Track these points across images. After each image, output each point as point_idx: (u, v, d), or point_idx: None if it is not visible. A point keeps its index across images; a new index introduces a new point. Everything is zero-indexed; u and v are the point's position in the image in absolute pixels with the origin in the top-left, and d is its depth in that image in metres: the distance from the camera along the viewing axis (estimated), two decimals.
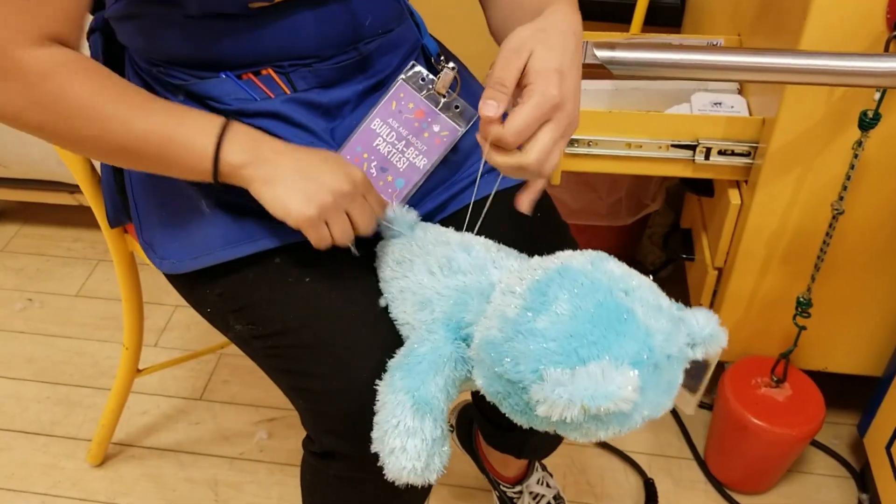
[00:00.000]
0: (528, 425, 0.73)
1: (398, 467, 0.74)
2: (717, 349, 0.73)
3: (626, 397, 0.62)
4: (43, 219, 2.06)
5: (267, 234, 0.87)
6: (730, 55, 0.89)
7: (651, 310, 0.69)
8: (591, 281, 0.70)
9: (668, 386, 0.70)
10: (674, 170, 1.25)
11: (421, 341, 0.78)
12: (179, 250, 0.91)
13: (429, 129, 0.92)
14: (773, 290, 1.31)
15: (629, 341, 0.66)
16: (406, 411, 0.74)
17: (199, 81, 0.88)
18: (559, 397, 0.63)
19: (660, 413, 0.71)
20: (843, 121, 1.10)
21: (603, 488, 1.44)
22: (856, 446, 1.49)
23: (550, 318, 0.68)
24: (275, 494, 1.43)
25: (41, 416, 1.57)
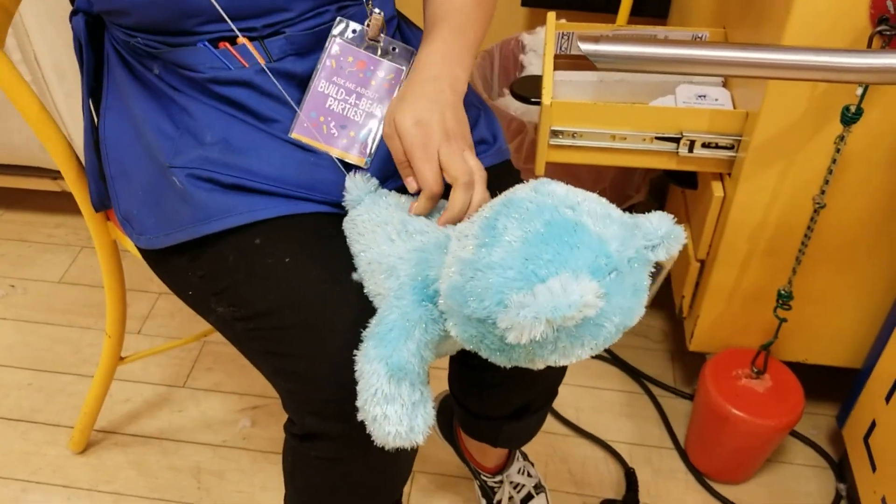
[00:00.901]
0: (509, 362, 0.74)
1: (383, 433, 0.76)
2: (678, 248, 0.73)
3: (588, 303, 0.63)
4: (25, 205, 2.04)
5: (239, 211, 0.88)
6: (712, 50, 0.89)
7: (600, 219, 0.70)
8: (536, 204, 0.71)
9: (634, 290, 0.70)
10: (658, 162, 1.25)
11: (390, 308, 0.78)
12: (155, 226, 0.91)
13: (374, 77, 0.95)
14: (755, 282, 1.31)
15: (584, 252, 0.67)
16: (382, 379, 0.75)
17: (175, 49, 0.89)
18: (524, 318, 0.63)
19: (633, 319, 0.71)
20: (825, 115, 1.11)
21: (584, 477, 1.45)
22: (834, 437, 1.51)
23: (504, 248, 0.69)
24: (258, 482, 1.43)
25: (22, 403, 1.56)
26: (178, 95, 0.92)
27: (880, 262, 1.25)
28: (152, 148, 0.92)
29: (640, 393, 1.60)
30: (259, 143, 0.90)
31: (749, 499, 1.41)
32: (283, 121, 0.92)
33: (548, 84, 1.23)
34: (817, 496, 1.42)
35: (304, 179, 0.90)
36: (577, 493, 1.42)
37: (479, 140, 1.01)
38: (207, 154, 0.89)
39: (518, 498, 1.34)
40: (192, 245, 0.89)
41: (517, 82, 1.39)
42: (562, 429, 1.53)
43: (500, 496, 1.34)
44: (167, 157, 0.90)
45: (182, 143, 0.90)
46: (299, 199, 0.90)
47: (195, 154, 0.89)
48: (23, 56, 1.59)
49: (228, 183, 0.88)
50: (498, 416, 1.15)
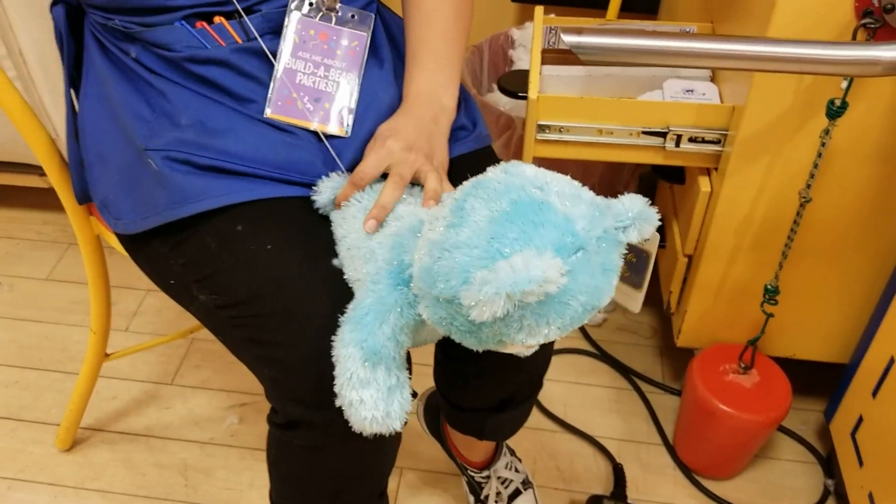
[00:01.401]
0: (482, 345, 0.74)
1: (359, 418, 0.76)
2: (650, 229, 0.73)
3: (550, 279, 0.63)
4: (12, 201, 2.03)
5: (215, 194, 0.87)
6: (695, 42, 0.89)
7: (569, 198, 0.70)
8: (504, 184, 0.71)
9: (602, 269, 0.70)
10: (645, 157, 1.25)
11: (366, 293, 0.78)
12: (131, 210, 0.91)
13: (339, 46, 0.95)
14: (742, 277, 1.31)
15: (549, 230, 0.67)
16: (356, 363, 0.75)
17: (152, 29, 0.89)
18: (486, 294, 0.63)
19: (601, 299, 0.71)
20: (811, 109, 1.11)
21: (572, 473, 1.44)
22: (822, 432, 1.51)
23: (471, 227, 0.69)
24: (245, 479, 1.42)
25: (9, 401, 1.56)
26: (155, 78, 0.92)
27: (866, 257, 1.25)
28: (129, 131, 0.91)
29: (628, 389, 1.59)
30: (235, 123, 0.91)
31: (737, 494, 1.41)
32: (258, 101, 0.92)
33: (534, 78, 1.23)
34: (805, 491, 1.42)
35: (280, 160, 0.90)
36: (565, 489, 1.42)
37: (459, 126, 1.02)
38: (183, 136, 0.89)
39: (506, 493, 1.34)
40: (174, 232, 0.89)
41: (505, 77, 1.39)
42: (550, 425, 1.53)
43: (487, 491, 1.34)
44: (143, 139, 0.90)
45: (158, 126, 0.90)
46: (276, 181, 0.90)
47: (171, 136, 0.89)
48: (7, 51, 1.58)
49: (204, 164, 0.88)
50: (482, 408, 1.14)
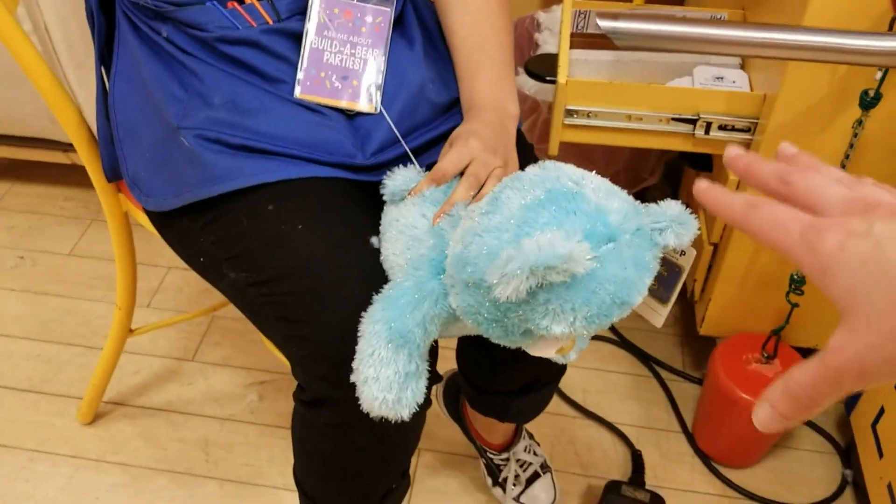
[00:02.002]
0: (508, 337, 0.74)
1: (370, 397, 0.76)
2: (688, 236, 0.72)
3: (574, 258, 0.62)
4: (35, 177, 2.04)
5: (246, 173, 0.88)
6: (732, 29, 0.88)
7: (604, 192, 0.70)
8: (541, 177, 0.71)
9: (633, 262, 0.69)
10: (673, 143, 1.24)
11: (406, 276, 0.79)
12: (162, 188, 0.92)
13: (363, 23, 0.95)
14: (768, 267, 1.31)
15: (580, 217, 0.67)
16: (381, 341, 0.75)
17: (183, 9, 0.90)
18: (510, 269, 0.63)
19: (630, 294, 0.69)
20: (844, 99, 1.10)
21: (590, 459, 1.45)
22: (842, 423, 1.50)
23: (503, 213, 0.69)
24: (265, 456, 1.43)
25: (31, 374, 1.57)
26: (187, 58, 0.92)
27: None
28: (161, 110, 0.92)
29: (648, 376, 1.59)
30: (266, 103, 0.91)
31: (755, 483, 1.41)
32: (289, 81, 0.92)
33: (563, 62, 1.22)
34: (823, 481, 1.42)
35: (310, 139, 0.90)
36: (583, 475, 1.42)
37: None
38: (216, 115, 0.89)
39: (524, 476, 1.34)
40: (205, 210, 0.89)
41: (532, 60, 1.38)
42: (569, 410, 1.53)
43: (505, 474, 1.34)
44: (176, 118, 0.90)
45: (191, 105, 0.91)
46: (307, 161, 0.90)
47: (204, 115, 0.89)
48: (33, 26, 1.58)
49: (236, 144, 0.88)
50: (506, 390, 1.15)
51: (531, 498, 1.35)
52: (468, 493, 1.39)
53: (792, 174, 0.45)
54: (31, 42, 1.04)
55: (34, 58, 1.04)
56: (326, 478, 1.01)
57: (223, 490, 1.38)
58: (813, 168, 0.46)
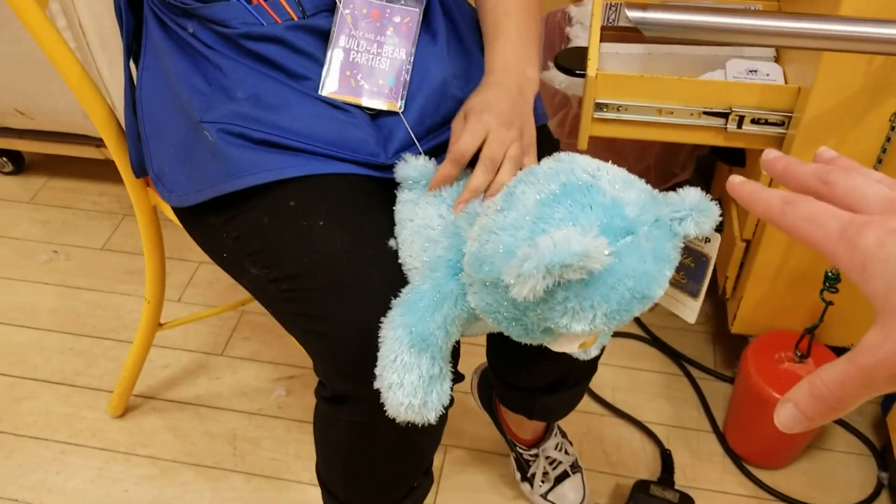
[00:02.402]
0: (528, 336, 0.73)
1: (396, 403, 0.75)
2: (710, 224, 0.71)
3: (591, 255, 0.61)
4: (69, 172, 2.07)
5: (268, 168, 0.87)
6: (765, 19, 0.86)
7: (620, 183, 0.68)
8: (556, 170, 0.70)
9: (653, 255, 0.67)
10: (705, 138, 1.22)
11: (424, 279, 0.78)
12: (185, 183, 0.92)
13: (391, 23, 0.94)
14: (801, 263, 1.28)
15: (596, 211, 0.66)
16: (403, 346, 0.75)
17: (209, 5, 0.90)
18: (526, 269, 0.61)
19: (650, 288, 0.68)
20: (881, 91, 1.07)
21: (619, 457, 1.43)
22: (878, 424, 1.47)
23: (518, 210, 0.68)
24: (292, 451, 1.44)
25: (63, 367, 1.59)
26: (212, 53, 0.92)
27: None
28: (185, 104, 0.92)
29: (678, 375, 1.57)
30: (290, 99, 0.90)
31: (788, 484, 1.39)
32: (313, 78, 0.92)
33: (593, 55, 1.20)
34: (858, 484, 1.39)
35: (333, 137, 0.90)
36: (611, 473, 1.41)
37: None
38: (239, 109, 0.89)
39: (553, 474, 1.33)
40: (228, 206, 0.89)
41: (562, 54, 1.37)
42: (598, 408, 1.51)
43: (534, 470, 1.33)
44: (199, 111, 0.90)
45: (214, 99, 0.91)
46: (329, 158, 0.90)
47: (227, 109, 0.89)
48: (67, 23, 1.59)
49: (259, 139, 0.88)
50: (533, 388, 1.14)
51: (559, 496, 1.34)
52: (495, 489, 1.38)
53: (832, 173, 0.44)
54: (62, 37, 1.04)
55: (64, 52, 1.05)
56: (348, 475, 1.01)
57: (250, 484, 1.38)
58: (853, 169, 0.45)
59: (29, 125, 1.87)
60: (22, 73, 1.71)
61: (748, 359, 1.32)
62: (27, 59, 1.66)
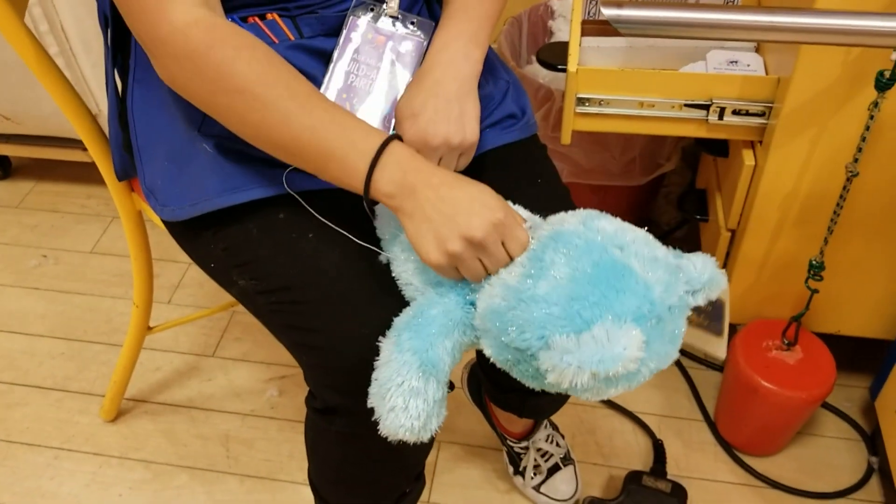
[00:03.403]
0: (541, 388, 0.74)
1: (396, 425, 0.75)
2: (718, 292, 0.75)
3: (632, 357, 0.64)
4: (57, 175, 2.06)
5: (264, 183, 0.87)
6: (740, 14, 0.86)
7: (648, 262, 0.70)
8: (585, 241, 0.71)
9: (672, 336, 0.71)
10: (687, 129, 1.23)
11: (431, 303, 0.78)
12: (179, 197, 0.91)
13: (395, 51, 0.94)
14: (786, 252, 1.29)
15: (629, 297, 0.68)
16: (412, 372, 0.74)
17: None
18: (568, 365, 0.64)
19: (667, 363, 0.72)
20: (859, 81, 1.08)
21: (612, 449, 1.44)
22: (867, 409, 1.48)
23: (550, 282, 0.69)
24: (285, 451, 1.44)
25: (55, 372, 1.59)
26: None
27: None
28: (181, 118, 0.91)
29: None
30: None
31: (779, 471, 1.39)
32: None
33: (574, 50, 1.21)
34: (849, 469, 1.40)
35: None
36: (604, 465, 1.42)
37: (508, 115, 1.00)
38: None
39: (545, 467, 1.34)
40: (216, 218, 0.89)
41: (544, 49, 1.37)
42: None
43: (525, 463, 1.34)
44: (197, 124, 0.89)
45: None
46: None
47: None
48: (49, 27, 1.59)
49: (256, 155, 0.87)
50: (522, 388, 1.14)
51: (551, 489, 1.34)
52: (488, 484, 1.39)
53: None
54: (41, 44, 1.04)
55: (45, 63, 1.05)
56: (339, 482, 1.01)
57: (244, 486, 1.39)
58: None
59: (15, 130, 1.87)
60: (7, 79, 1.71)
61: (736, 347, 1.33)
62: (12, 65, 1.66)
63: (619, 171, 1.59)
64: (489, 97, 1.00)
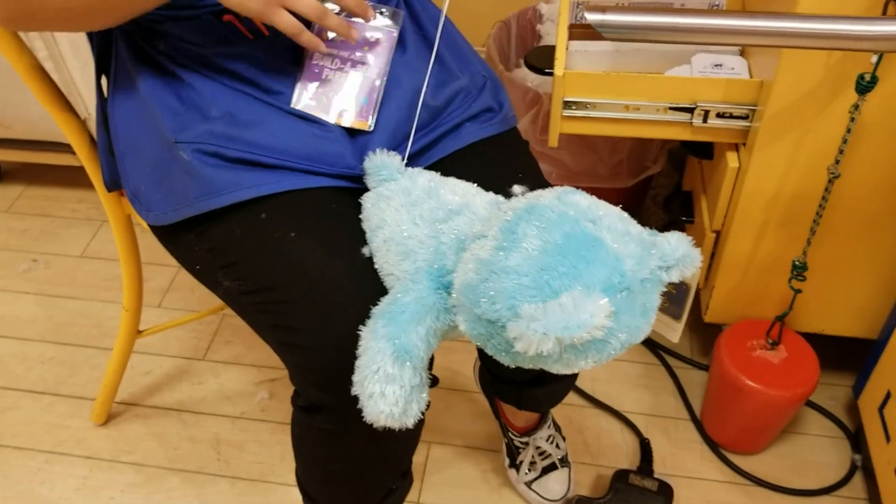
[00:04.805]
0: (513, 363, 0.75)
1: (376, 411, 0.76)
2: (693, 270, 0.74)
3: (598, 324, 0.64)
4: (47, 180, 2.07)
5: (244, 185, 0.88)
6: (720, 18, 0.88)
7: (619, 236, 0.71)
8: (558, 214, 0.71)
9: (643, 309, 0.71)
10: (672, 132, 1.24)
11: (405, 291, 0.79)
12: (162, 202, 0.93)
13: (367, 42, 0.96)
14: (770, 253, 1.31)
15: (599, 268, 0.68)
16: (386, 358, 0.76)
17: (179, 22, 0.90)
18: (534, 332, 0.64)
19: (639, 337, 0.72)
20: (840, 84, 1.09)
21: (599, 448, 1.45)
22: (851, 408, 1.50)
23: (521, 254, 0.70)
24: (276, 453, 1.45)
25: (46, 376, 1.59)
26: (183, 71, 0.93)
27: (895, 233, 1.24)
28: (159, 124, 0.92)
29: (656, 364, 1.60)
30: (264, 116, 0.91)
31: (764, 469, 1.41)
32: (286, 93, 0.93)
33: (560, 54, 1.22)
34: (833, 466, 1.42)
35: (309, 151, 0.91)
36: (592, 464, 1.43)
37: (485, 108, 1.02)
38: (213, 128, 0.89)
39: (541, 465, 1.35)
40: (200, 220, 0.90)
41: (532, 53, 1.38)
42: (578, 400, 1.53)
43: (522, 457, 1.35)
44: (173, 132, 0.91)
45: (188, 118, 0.91)
46: (305, 172, 0.91)
47: (201, 129, 0.90)
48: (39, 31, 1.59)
49: (234, 157, 0.89)
50: (519, 380, 1.17)
51: (543, 487, 1.35)
52: (478, 484, 1.40)
53: None
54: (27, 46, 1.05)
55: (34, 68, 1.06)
56: (325, 480, 1.02)
57: (235, 488, 1.40)
58: None
59: (5, 134, 1.87)
60: None
61: (721, 347, 1.34)
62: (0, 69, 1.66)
63: (606, 173, 1.61)
64: (466, 91, 1.02)
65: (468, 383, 1.54)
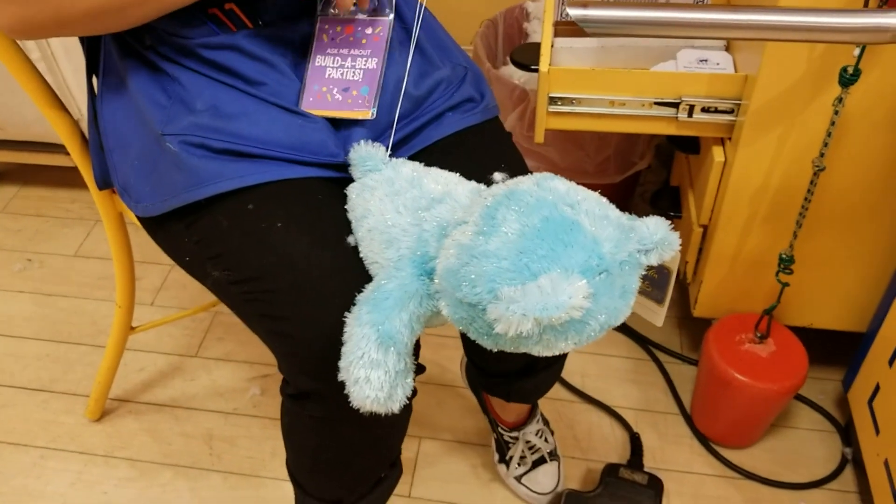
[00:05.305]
0: (495, 347, 0.76)
1: (362, 396, 0.77)
2: (672, 253, 0.75)
3: (576, 305, 0.65)
4: (41, 180, 2.08)
5: (230, 176, 0.90)
6: (702, 13, 0.89)
7: (597, 219, 0.72)
8: (536, 199, 0.73)
9: (622, 291, 0.72)
10: (657, 127, 1.25)
11: (389, 277, 0.80)
12: (150, 194, 0.94)
13: (364, 35, 0.97)
14: (757, 247, 1.31)
15: (577, 251, 0.69)
16: (371, 344, 0.77)
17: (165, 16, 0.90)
18: (513, 313, 0.65)
19: (618, 319, 0.74)
20: (823, 77, 1.10)
21: (589, 443, 1.46)
22: (841, 401, 1.51)
23: (501, 238, 0.71)
24: (268, 448, 1.46)
25: (41, 374, 1.60)
26: (169, 66, 0.94)
27: (882, 225, 1.25)
28: (146, 118, 0.94)
29: (646, 359, 1.60)
30: (248, 107, 0.92)
31: (754, 463, 1.42)
32: (270, 83, 0.94)
33: (546, 51, 1.23)
34: (823, 460, 1.43)
35: (293, 141, 0.92)
36: (582, 458, 1.44)
37: (466, 98, 1.03)
38: (198, 121, 0.91)
39: (530, 459, 1.36)
40: (188, 212, 0.91)
41: (518, 50, 1.39)
42: (568, 395, 1.54)
43: (512, 452, 1.36)
44: (160, 125, 0.92)
45: (174, 112, 0.92)
46: (290, 162, 0.92)
47: (187, 121, 0.91)
48: None
49: (219, 148, 0.90)
50: (507, 372, 1.18)
51: (533, 481, 1.36)
52: (469, 478, 1.41)
53: None
54: (20, 47, 1.06)
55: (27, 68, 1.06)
56: (314, 469, 1.03)
57: (227, 482, 1.41)
58: None
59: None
60: None
61: (710, 341, 1.35)
62: None
63: (594, 169, 1.62)
64: (447, 81, 1.03)
65: (458, 379, 1.55)
